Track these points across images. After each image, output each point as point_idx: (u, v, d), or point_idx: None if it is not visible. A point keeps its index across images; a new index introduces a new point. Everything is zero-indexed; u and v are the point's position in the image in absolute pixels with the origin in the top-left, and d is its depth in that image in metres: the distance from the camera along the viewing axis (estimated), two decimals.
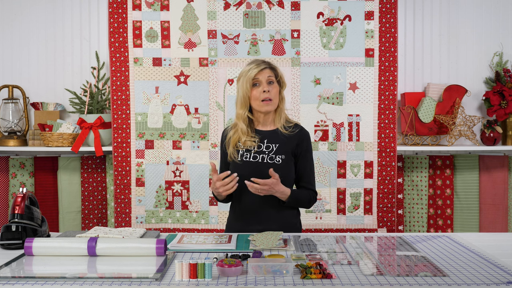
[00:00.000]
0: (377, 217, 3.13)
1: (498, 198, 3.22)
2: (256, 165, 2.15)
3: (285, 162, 2.14)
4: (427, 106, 3.15)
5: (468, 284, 1.38)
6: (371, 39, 3.10)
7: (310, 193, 2.19)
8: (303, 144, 2.17)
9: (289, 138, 2.16)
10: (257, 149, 2.17)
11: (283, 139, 2.16)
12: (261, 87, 2.13)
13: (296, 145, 2.16)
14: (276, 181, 2.05)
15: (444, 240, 1.94)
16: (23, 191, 1.90)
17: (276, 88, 2.16)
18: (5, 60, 3.35)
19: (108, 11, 3.10)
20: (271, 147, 2.16)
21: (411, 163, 3.28)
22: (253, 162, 2.15)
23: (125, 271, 1.53)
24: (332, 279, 1.43)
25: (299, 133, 2.18)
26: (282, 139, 2.16)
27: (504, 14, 3.33)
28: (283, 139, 2.16)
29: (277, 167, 2.10)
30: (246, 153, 2.18)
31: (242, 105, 2.18)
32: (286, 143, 2.16)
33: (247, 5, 3.10)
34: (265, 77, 2.14)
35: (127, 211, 3.13)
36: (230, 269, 1.45)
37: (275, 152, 2.15)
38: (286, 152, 2.15)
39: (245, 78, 2.15)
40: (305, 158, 2.18)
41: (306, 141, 2.19)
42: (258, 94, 2.14)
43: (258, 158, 2.15)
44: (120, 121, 3.11)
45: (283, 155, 2.14)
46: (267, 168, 2.08)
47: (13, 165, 3.21)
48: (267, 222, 2.14)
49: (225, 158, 2.26)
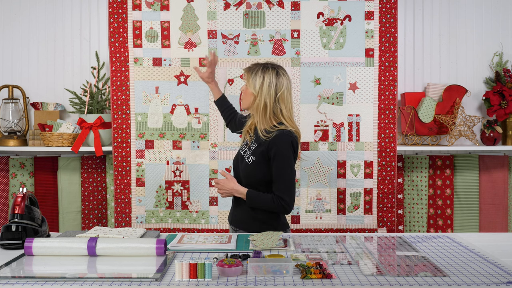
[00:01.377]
0: (377, 217, 3.13)
1: (498, 198, 3.22)
2: (239, 159, 2.32)
3: (255, 164, 2.21)
4: (427, 106, 3.15)
5: (468, 284, 1.38)
6: (371, 39, 3.10)
7: (273, 198, 2.17)
8: (272, 150, 2.17)
9: (263, 142, 2.21)
10: (250, 145, 2.29)
11: (261, 141, 2.22)
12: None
13: (266, 151, 2.19)
14: (226, 180, 2.26)
15: (444, 240, 1.94)
16: (23, 191, 1.90)
17: (248, 90, 2.26)
18: (5, 60, 3.35)
19: (108, 11, 3.10)
20: (253, 146, 2.26)
21: (411, 163, 3.28)
22: (241, 155, 2.31)
23: (125, 271, 1.53)
24: (332, 279, 1.43)
25: (272, 139, 2.18)
26: (261, 141, 2.22)
27: (504, 14, 3.33)
28: (261, 142, 2.22)
29: (247, 166, 2.24)
30: (244, 145, 2.33)
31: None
32: (261, 145, 2.21)
33: (247, 5, 3.10)
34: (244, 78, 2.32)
35: (127, 211, 3.13)
36: (230, 269, 1.45)
37: (252, 152, 2.24)
38: (258, 154, 2.21)
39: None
40: (273, 164, 2.18)
41: (274, 149, 2.17)
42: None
43: (246, 153, 2.28)
44: (120, 121, 3.11)
45: (254, 157, 2.22)
46: (242, 165, 2.27)
47: (13, 165, 3.21)
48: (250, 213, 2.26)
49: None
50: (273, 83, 2.20)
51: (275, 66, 2.26)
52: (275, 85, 2.20)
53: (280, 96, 2.20)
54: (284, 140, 2.18)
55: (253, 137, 2.28)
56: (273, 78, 2.20)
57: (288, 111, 2.23)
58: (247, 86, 2.27)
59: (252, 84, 2.23)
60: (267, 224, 2.22)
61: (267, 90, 2.19)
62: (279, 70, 2.23)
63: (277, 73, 2.22)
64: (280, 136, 2.18)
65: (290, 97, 2.25)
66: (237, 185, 2.25)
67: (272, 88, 2.19)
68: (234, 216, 2.35)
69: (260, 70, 2.22)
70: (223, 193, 2.29)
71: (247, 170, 2.23)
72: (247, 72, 2.27)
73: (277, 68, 2.24)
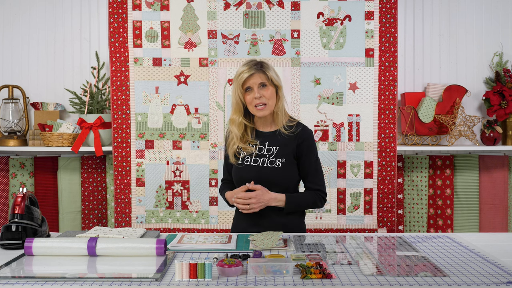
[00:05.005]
0: (377, 217, 3.13)
1: (498, 198, 3.22)
2: (257, 169, 2.10)
3: (285, 166, 2.08)
4: (427, 106, 3.15)
5: (468, 284, 1.38)
6: (371, 39, 3.10)
7: (313, 194, 2.11)
8: (304, 144, 2.09)
9: (289, 139, 2.09)
10: (258, 152, 2.12)
11: (283, 141, 2.10)
12: (253, 93, 2.07)
13: (296, 146, 2.09)
14: (260, 191, 2.03)
15: (444, 240, 1.94)
16: (23, 191, 1.90)
17: (269, 90, 2.07)
18: (5, 60, 3.35)
19: (108, 11, 3.10)
20: (272, 150, 2.11)
21: (411, 163, 3.28)
22: (254, 166, 2.11)
23: (125, 271, 1.53)
24: (332, 279, 1.43)
25: (300, 133, 2.10)
26: (282, 141, 2.10)
27: (504, 14, 3.33)
28: (284, 141, 2.10)
29: (277, 171, 2.07)
30: (247, 156, 2.14)
31: (236, 111, 2.15)
32: (287, 144, 2.09)
33: (247, 5, 3.10)
34: (256, 82, 2.06)
35: (127, 211, 3.13)
36: (230, 269, 1.45)
37: (276, 155, 2.09)
38: (286, 154, 2.09)
39: (236, 83, 2.10)
40: (307, 158, 2.10)
41: (307, 141, 2.10)
42: (251, 99, 2.08)
43: (259, 161, 2.11)
44: (120, 121, 3.11)
45: (283, 159, 2.08)
46: (268, 172, 2.07)
47: (13, 165, 3.21)
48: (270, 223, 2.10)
49: (226, 159, 2.24)
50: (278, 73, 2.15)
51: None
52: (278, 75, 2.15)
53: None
54: (310, 132, 2.13)
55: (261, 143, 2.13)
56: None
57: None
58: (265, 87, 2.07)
59: (275, 78, 2.08)
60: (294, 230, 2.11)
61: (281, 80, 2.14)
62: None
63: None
64: (306, 129, 2.12)
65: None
66: (273, 193, 2.05)
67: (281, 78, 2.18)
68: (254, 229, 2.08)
69: (268, 63, 2.12)
70: (258, 207, 2.03)
71: (278, 175, 2.06)
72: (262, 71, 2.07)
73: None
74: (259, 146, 2.13)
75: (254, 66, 2.08)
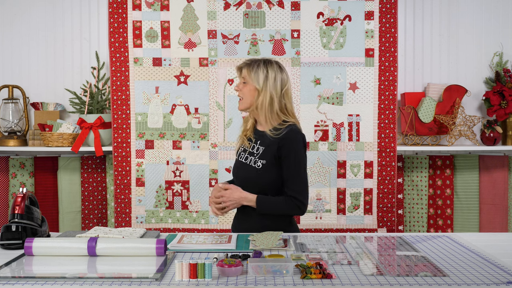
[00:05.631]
0: (377, 217, 3.13)
1: (498, 198, 3.22)
2: (243, 167, 2.15)
3: (265, 167, 2.07)
4: (427, 106, 3.15)
5: (468, 284, 1.38)
6: (371, 39, 3.10)
7: (287, 200, 2.06)
8: (283, 148, 2.05)
9: (274, 141, 2.07)
10: (251, 150, 2.15)
11: (269, 142, 2.09)
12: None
13: (276, 150, 2.06)
14: (230, 190, 2.09)
15: (444, 240, 1.94)
16: (23, 191, 1.90)
17: (248, 87, 2.10)
18: (5, 60, 3.35)
19: (108, 11, 3.10)
20: (259, 150, 2.12)
21: (411, 163, 3.28)
22: (242, 162, 2.16)
23: (125, 271, 1.53)
24: (332, 279, 1.43)
25: (282, 136, 2.06)
26: (268, 142, 2.09)
27: (504, 14, 3.33)
28: (269, 143, 2.09)
29: (256, 171, 2.09)
30: (242, 152, 2.19)
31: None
32: (269, 146, 2.08)
33: (247, 5, 3.10)
34: (240, 76, 2.16)
35: (127, 211, 3.13)
36: (230, 269, 1.45)
37: (260, 156, 2.10)
38: (268, 156, 2.08)
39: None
40: (285, 163, 2.06)
41: (288, 145, 2.05)
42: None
43: (248, 159, 2.14)
44: (120, 121, 3.11)
45: (264, 160, 2.08)
46: (249, 170, 2.11)
47: (13, 165, 3.21)
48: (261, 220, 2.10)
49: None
50: (278, 77, 2.09)
51: (274, 61, 2.15)
52: (281, 79, 2.10)
53: (286, 91, 2.11)
54: (295, 137, 2.07)
55: (255, 141, 2.15)
56: (277, 72, 2.10)
57: (291, 106, 2.14)
58: (245, 84, 2.12)
59: (255, 79, 2.08)
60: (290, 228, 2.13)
61: (273, 84, 2.08)
62: (280, 65, 2.14)
63: (279, 66, 2.13)
64: (291, 132, 2.07)
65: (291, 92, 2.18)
66: (244, 192, 2.09)
67: (278, 82, 2.08)
68: (240, 226, 2.18)
69: (262, 64, 2.10)
70: (230, 205, 2.09)
71: (257, 176, 2.08)
72: (247, 67, 2.11)
73: (278, 63, 2.15)
74: (252, 144, 2.16)
75: (247, 62, 2.14)
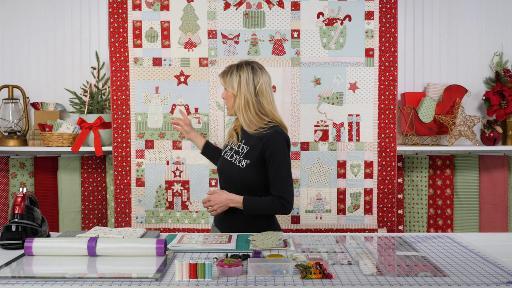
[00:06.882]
0: (377, 217, 3.13)
1: (498, 198, 3.22)
2: (227, 164, 2.24)
3: (249, 167, 2.15)
4: (427, 106, 3.15)
5: (468, 284, 1.38)
6: (371, 39, 3.10)
7: (273, 199, 2.13)
8: (267, 151, 2.12)
9: (257, 143, 2.15)
10: (237, 149, 2.24)
11: (253, 143, 2.17)
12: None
13: (262, 152, 2.14)
14: (216, 194, 2.18)
15: (444, 240, 1.94)
16: (23, 191, 1.90)
17: (227, 93, 2.23)
18: (5, 60, 3.35)
19: (108, 11, 3.10)
20: (244, 149, 2.20)
21: (411, 163, 3.28)
22: (227, 160, 2.25)
23: (125, 271, 1.53)
24: (332, 279, 1.43)
25: (265, 139, 2.13)
26: (252, 143, 2.17)
27: (504, 14, 3.33)
28: (254, 143, 2.17)
29: (240, 170, 2.17)
30: (229, 150, 2.28)
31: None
32: (253, 147, 2.16)
33: (247, 5, 3.10)
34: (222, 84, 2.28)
35: (127, 211, 3.13)
36: (230, 269, 1.45)
37: (244, 155, 2.18)
38: (251, 157, 2.15)
39: None
40: (269, 165, 2.13)
41: (271, 148, 2.12)
42: None
43: (233, 157, 2.22)
44: (120, 121, 3.11)
45: (248, 160, 2.16)
46: (233, 169, 2.19)
47: (13, 165, 3.21)
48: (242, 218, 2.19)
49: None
50: (250, 78, 2.17)
51: (250, 62, 2.22)
52: (252, 80, 2.17)
53: (259, 90, 2.17)
54: (278, 139, 2.13)
55: (241, 140, 2.23)
56: (249, 74, 2.17)
57: (269, 104, 2.19)
58: (226, 91, 2.24)
59: (230, 85, 2.20)
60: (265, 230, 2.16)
61: (246, 86, 2.16)
62: (254, 65, 2.20)
63: (252, 68, 2.19)
64: (274, 134, 2.14)
65: (270, 90, 2.20)
66: (230, 195, 2.17)
67: (250, 83, 2.16)
68: (226, 223, 2.25)
69: (235, 70, 2.20)
70: (218, 208, 2.17)
71: (241, 174, 2.16)
72: (222, 76, 2.24)
73: (252, 63, 2.21)
74: (239, 143, 2.25)
75: (224, 70, 2.25)
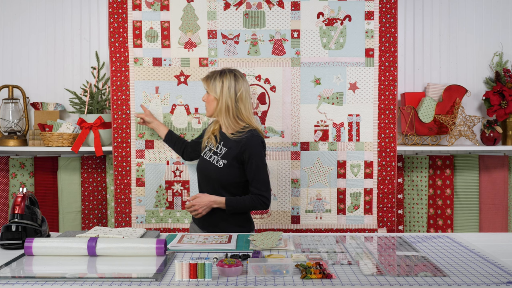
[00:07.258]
0: (377, 217, 3.14)
1: (498, 198, 3.22)
2: (206, 164, 2.40)
3: (226, 167, 2.33)
4: (427, 106, 3.15)
5: (468, 284, 1.38)
6: (371, 39, 3.10)
7: (253, 197, 2.32)
8: (245, 153, 2.31)
9: (235, 145, 2.34)
10: (215, 150, 2.41)
11: (231, 144, 2.35)
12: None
13: (240, 154, 2.32)
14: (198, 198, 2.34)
15: (444, 240, 1.94)
16: (23, 191, 1.90)
17: (210, 97, 2.39)
18: (5, 60, 3.35)
19: (108, 11, 3.10)
20: (222, 150, 2.37)
21: (411, 163, 3.28)
22: (206, 160, 2.42)
23: (125, 271, 1.53)
24: (332, 279, 1.43)
25: (243, 142, 2.32)
26: (230, 144, 2.36)
27: (504, 14, 3.33)
28: (231, 145, 2.35)
29: (218, 169, 2.34)
30: (208, 151, 2.45)
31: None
32: (231, 148, 2.34)
33: (247, 5, 3.10)
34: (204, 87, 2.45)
35: (127, 211, 3.13)
36: (230, 269, 1.45)
37: (222, 156, 2.35)
38: (229, 157, 2.33)
39: None
40: (248, 166, 2.32)
41: (249, 150, 2.31)
42: None
43: (212, 158, 2.39)
44: (120, 121, 3.11)
45: (225, 160, 2.33)
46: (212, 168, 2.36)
47: (13, 165, 3.21)
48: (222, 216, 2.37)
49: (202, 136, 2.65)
50: (232, 85, 2.35)
51: (232, 70, 2.41)
52: (234, 87, 2.36)
53: (239, 97, 2.36)
54: (255, 141, 2.33)
55: (219, 141, 2.41)
56: (231, 81, 2.36)
57: (247, 110, 2.38)
58: (208, 94, 2.41)
59: (213, 89, 2.37)
60: (242, 226, 2.36)
61: (227, 92, 2.35)
62: (236, 73, 2.39)
63: (234, 75, 2.38)
64: (251, 137, 2.33)
65: (249, 98, 2.40)
66: (212, 197, 2.34)
67: (232, 90, 2.35)
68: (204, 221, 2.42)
69: (218, 76, 2.37)
70: (202, 210, 2.34)
71: (218, 173, 2.33)
72: (206, 80, 2.40)
73: (234, 71, 2.40)
74: (217, 144, 2.42)
75: (207, 75, 2.42)
